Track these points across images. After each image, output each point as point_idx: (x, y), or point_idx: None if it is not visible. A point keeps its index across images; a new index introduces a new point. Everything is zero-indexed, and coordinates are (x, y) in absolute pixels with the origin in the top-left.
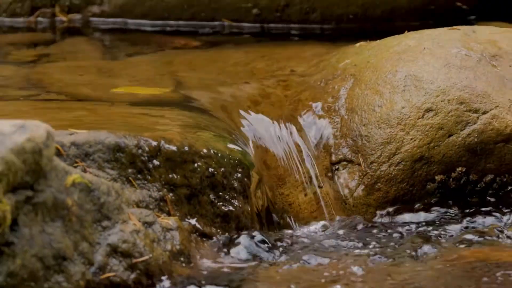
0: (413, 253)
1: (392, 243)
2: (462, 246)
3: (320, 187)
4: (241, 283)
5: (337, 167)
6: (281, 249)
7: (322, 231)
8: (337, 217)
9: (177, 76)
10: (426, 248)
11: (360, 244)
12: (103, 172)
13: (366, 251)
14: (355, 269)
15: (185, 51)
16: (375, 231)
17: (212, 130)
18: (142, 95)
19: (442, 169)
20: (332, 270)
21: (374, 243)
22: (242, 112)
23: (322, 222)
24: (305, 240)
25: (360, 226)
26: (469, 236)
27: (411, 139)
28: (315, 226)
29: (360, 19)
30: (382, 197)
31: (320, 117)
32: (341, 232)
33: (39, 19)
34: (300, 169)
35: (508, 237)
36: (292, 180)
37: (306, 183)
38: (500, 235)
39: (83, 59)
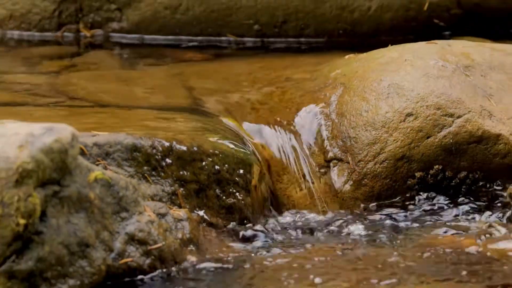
0: (393, 240)
1: (376, 231)
2: (438, 234)
3: (314, 182)
4: (243, 267)
5: (328, 165)
6: (278, 235)
7: (315, 220)
8: (328, 209)
9: (187, 85)
10: (406, 235)
11: (346, 231)
12: (121, 169)
13: (351, 237)
14: (342, 251)
15: (194, 63)
16: (360, 221)
17: (218, 132)
18: (157, 101)
19: (421, 166)
20: (323, 253)
21: (359, 231)
22: (244, 115)
23: (315, 213)
24: (300, 228)
25: (348, 217)
26: (444, 226)
27: (394, 140)
28: (309, 216)
29: (349, 34)
30: (368, 191)
31: (314, 120)
32: (331, 221)
33: (65, 34)
34: (297, 166)
35: (479, 227)
36: (289, 176)
37: (302, 178)
38: (472, 226)
39: (104, 69)
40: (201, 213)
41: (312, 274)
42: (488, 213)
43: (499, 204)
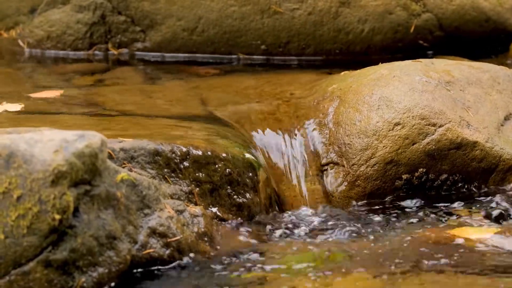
0: (383, 233)
1: (366, 226)
2: (422, 227)
3: (312, 183)
4: (251, 257)
5: (326, 168)
6: (282, 230)
7: (313, 217)
8: (326, 207)
9: (202, 97)
10: (394, 229)
11: (341, 226)
12: (144, 171)
13: (344, 230)
14: (335, 242)
15: (208, 78)
16: (354, 217)
17: (229, 138)
18: (175, 111)
19: (408, 169)
20: (321, 244)
21: (352, 225)
22: (252, 124)
23: (314, 211)
24: (301, 223)
25: (343, 214)
26: (428, 220)
27: (384, 146)
28: (308, 213)
29: (344, 53)
30: (360, 191)
31: (313, 129)
32: (328, 218)
33: (96, 52)
34: (297, 169)
35: (458, 221)
36: (291, 178)
37: (302, 180)
38: (452, 220)
39: (130, 83)
40: (215, 210)
41: (310, 262)
42: (465, 210)
43: (475, 203)
